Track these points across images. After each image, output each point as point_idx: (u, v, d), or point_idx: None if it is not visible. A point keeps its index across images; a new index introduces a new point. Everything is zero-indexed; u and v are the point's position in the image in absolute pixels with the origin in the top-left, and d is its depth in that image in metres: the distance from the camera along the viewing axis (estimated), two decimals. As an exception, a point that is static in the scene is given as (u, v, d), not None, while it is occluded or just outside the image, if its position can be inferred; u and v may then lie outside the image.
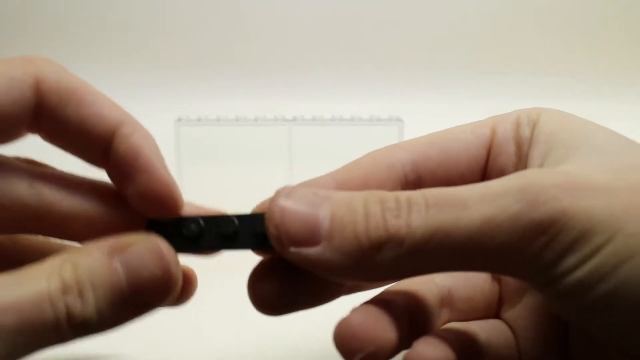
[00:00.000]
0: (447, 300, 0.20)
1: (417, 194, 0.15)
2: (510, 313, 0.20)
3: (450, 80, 0.83)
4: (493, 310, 0.21)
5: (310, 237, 0.15)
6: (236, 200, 0.42)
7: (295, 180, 0.16)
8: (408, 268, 0.16)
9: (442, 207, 0.15)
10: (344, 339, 0.16)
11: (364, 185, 0.19)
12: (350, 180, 0.19)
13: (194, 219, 0.17)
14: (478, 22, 0.84)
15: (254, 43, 0.83)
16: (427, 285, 0.20)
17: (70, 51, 0.75)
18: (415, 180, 0.19)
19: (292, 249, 0.15)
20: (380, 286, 0.20)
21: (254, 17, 0.83)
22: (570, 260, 0.15)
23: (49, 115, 0.18)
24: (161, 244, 0.17)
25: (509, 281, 0.21)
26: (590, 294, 0.15)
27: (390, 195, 0.16)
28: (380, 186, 0.19)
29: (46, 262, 0.16)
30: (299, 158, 0.35)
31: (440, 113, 0.74)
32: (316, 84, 0.81)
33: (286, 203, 0.15)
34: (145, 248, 0.16)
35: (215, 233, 0.17)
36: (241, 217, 0.17)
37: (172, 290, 0.16)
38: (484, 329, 0.20)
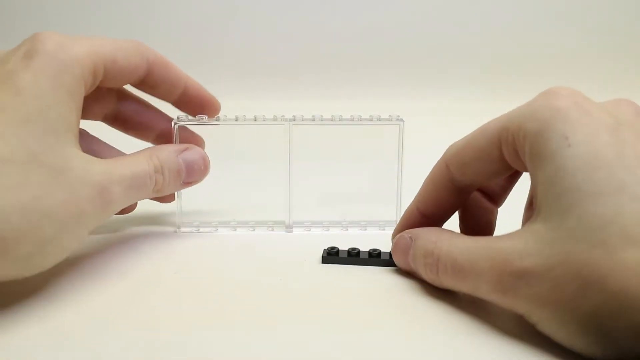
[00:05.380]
0: None
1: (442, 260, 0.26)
2: None
3: (450, 80, 0.83)
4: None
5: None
6: (235, 200, 0.42)
7: (294, 180, 0.16)
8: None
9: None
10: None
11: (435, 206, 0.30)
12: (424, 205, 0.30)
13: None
14: (479, 23, 0.84)
15: (254, 42, 0.83)
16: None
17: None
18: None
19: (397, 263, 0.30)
20: None
21: (254, 17, 0.83)
22: None
23: (152, 73, 0.32)
24: (203, 151, 0.34)
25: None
26: None
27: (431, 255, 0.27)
28: (443, 203, 0.29)
29: (140, 154, 0.31)
30: (299, 158, 0.35)
31: (440, 113, 0.74)
32: (316, 84, 0.81)
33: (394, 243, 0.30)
34: (196, 151, 0.33)
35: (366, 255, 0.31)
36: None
37: (206, 174, 0.34)
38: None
